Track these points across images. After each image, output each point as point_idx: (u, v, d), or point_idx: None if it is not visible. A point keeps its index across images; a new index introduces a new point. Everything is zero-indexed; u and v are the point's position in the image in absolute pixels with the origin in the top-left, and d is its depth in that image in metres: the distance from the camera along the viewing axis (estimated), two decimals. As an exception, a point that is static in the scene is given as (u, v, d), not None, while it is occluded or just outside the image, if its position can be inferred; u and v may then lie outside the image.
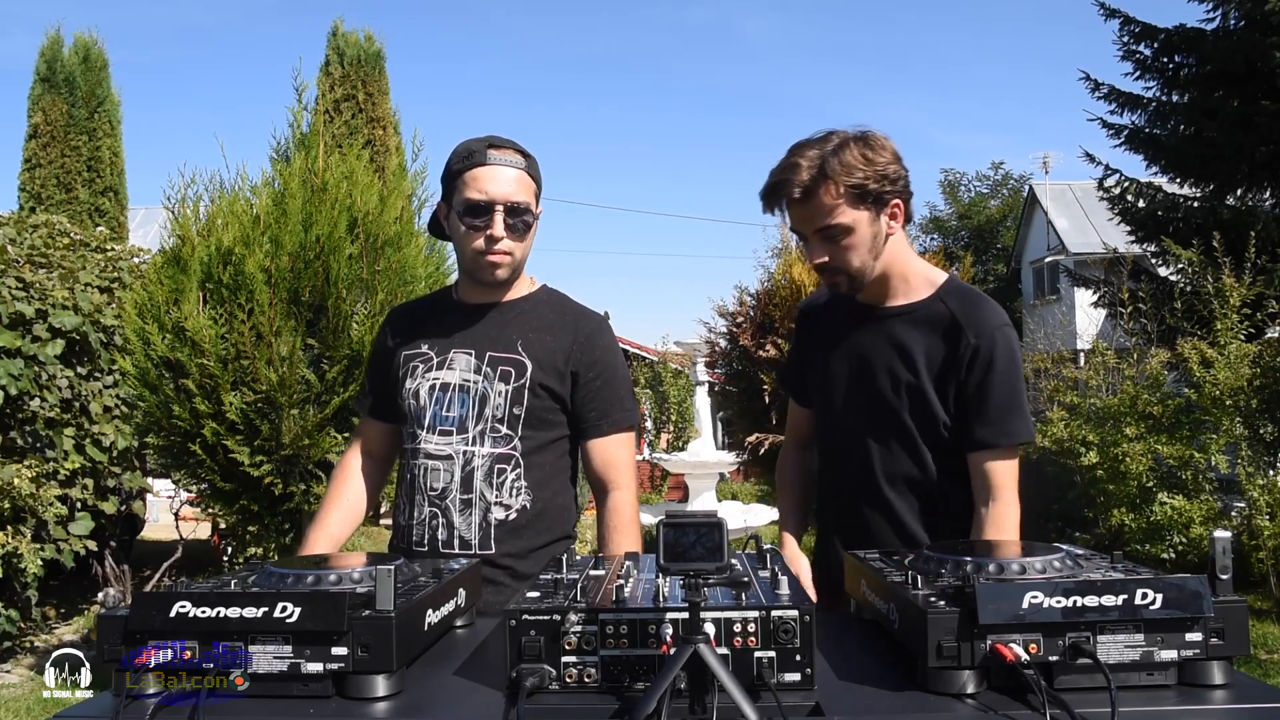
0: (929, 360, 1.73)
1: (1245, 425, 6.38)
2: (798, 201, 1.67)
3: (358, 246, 4.47)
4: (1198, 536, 6.32)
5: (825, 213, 1.66)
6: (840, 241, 1.68)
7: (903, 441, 1.75)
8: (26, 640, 5.75)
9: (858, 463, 1.80)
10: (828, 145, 1.66)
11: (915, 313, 1.76)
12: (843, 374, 1.82)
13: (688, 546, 0.99)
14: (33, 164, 12.48)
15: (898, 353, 1.75)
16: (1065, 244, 19.27)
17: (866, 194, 1.65)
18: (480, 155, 1.75)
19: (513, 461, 1.79)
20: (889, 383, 1.75)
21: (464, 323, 1.86)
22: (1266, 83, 9.70)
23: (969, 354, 1.69)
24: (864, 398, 1.79)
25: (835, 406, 1.84)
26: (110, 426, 5.57)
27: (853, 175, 1.63)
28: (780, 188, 1.67)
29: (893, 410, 1.75)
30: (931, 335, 1.73)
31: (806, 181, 1.64)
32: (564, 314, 1.88)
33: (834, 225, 1.66)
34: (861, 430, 1.79)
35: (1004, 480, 1.70)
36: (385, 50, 11.65)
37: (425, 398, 1.82)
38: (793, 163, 1.66)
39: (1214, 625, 1.02)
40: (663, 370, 16.17)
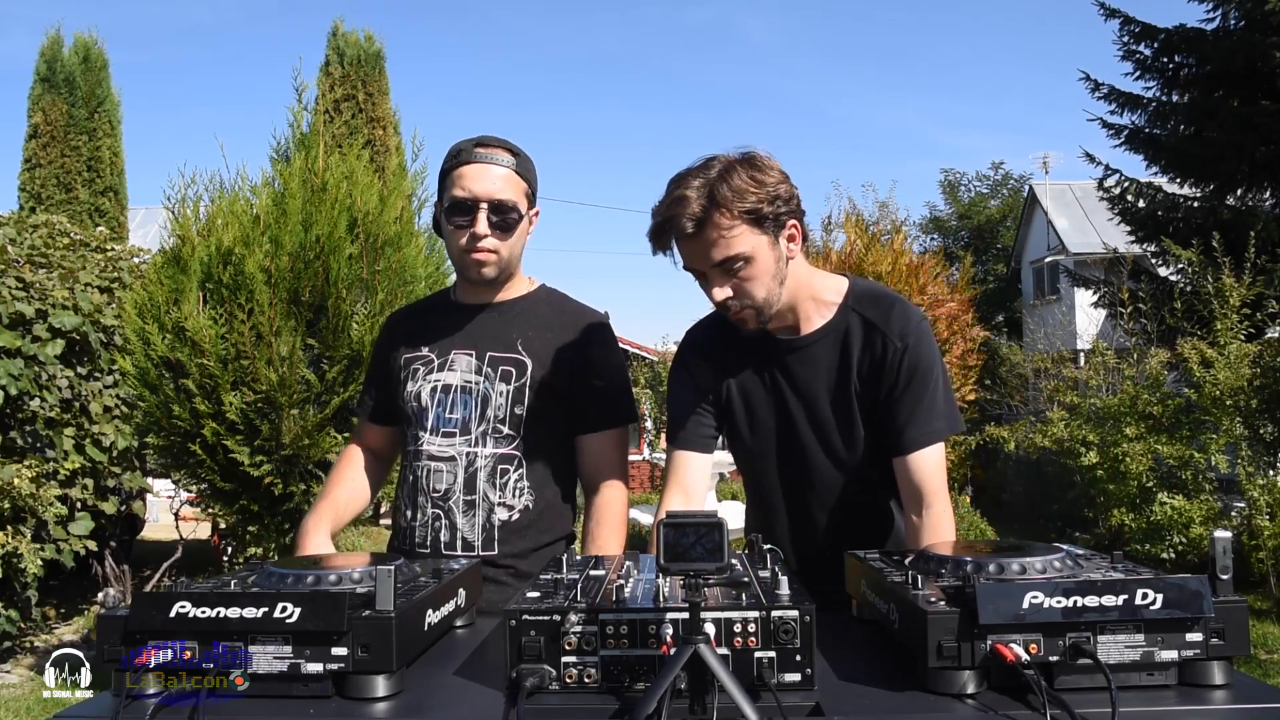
0: (860, 376, 1.67)
1: (1245, 425, 6.39)
2: (690, 236, 1.54)
3: (358, 246, 4.48)
4: (1198, 536, 6.32)
5: (722, 244, 1.54)
6: (741, 273, 1.57)
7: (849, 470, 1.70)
8: (26, 640, 5.75)
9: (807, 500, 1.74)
10: (711, 172, 1.54)
11: (833, 332, 1.69)
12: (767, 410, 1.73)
13: (688, 546, 0.99)
14: (33, 164, 12.49)
15: (829, 379, 1.68)
16: (1065, 244, 19.27)
17: (762, 218, 1.54)
18: (467, 154, 1.75)
19: (515, 462, 1.79)
20: (823, 411, 1.69)
21: (463, 324, 1.85)
22: (1266, 83, 9.71)
23: (897, 360, 1.64)
24: (806, 432, 1.71)
25: (770, 444, 1.75)
26: (110, 426, 5.58)
27: (745, 200, 1.52)
28: (669, 224, 1.54)
29: (840, 441, 1.69)
30: (856, 349, 1.67)
31: (698, 213, 1.52)
32: (563, 313, 1.88)
33: (733, 256, 1.55)
34: (807, 465, 1.72)
35: (938, 482, 1.64)
36: (385, 50, 11.68)
37: (427, 400, 1.81)
38: (679, 195, 1.53)
39: (1214, 625, 1.02)
40: (663, 370, 16.16)
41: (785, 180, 1.59)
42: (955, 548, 1.28)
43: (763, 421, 1.75)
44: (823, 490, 1.74)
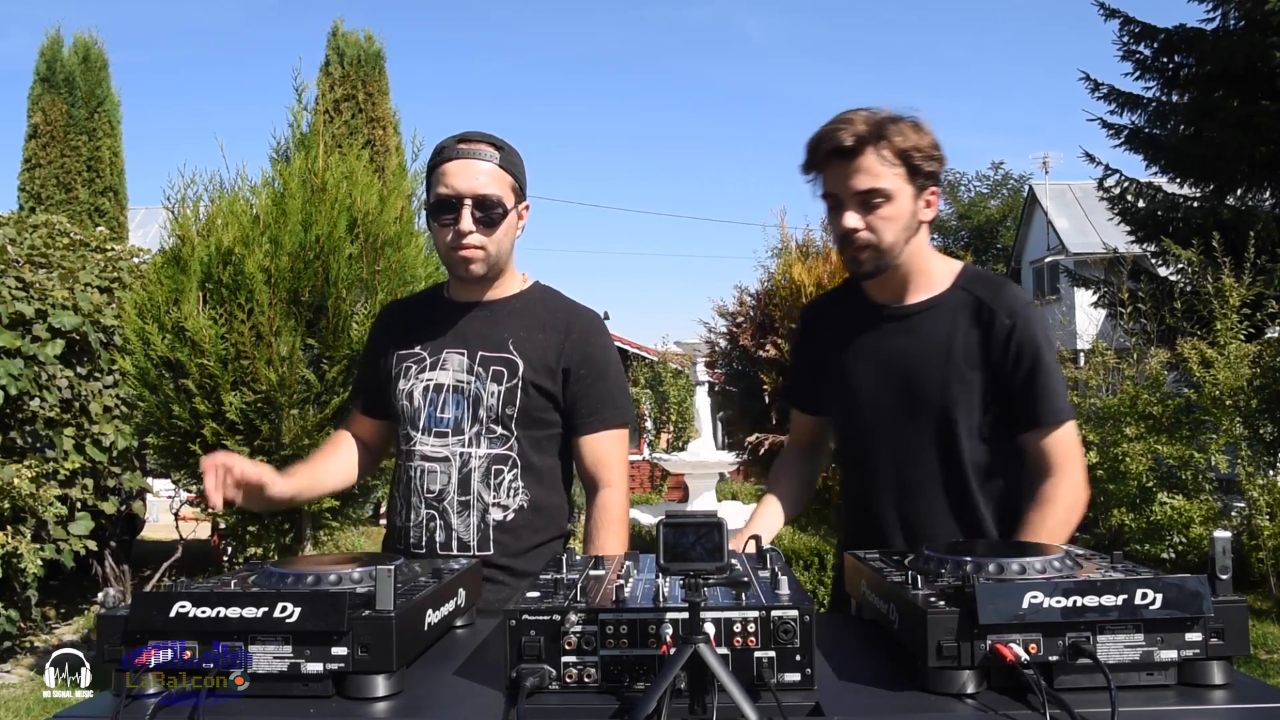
0: (966, 352, 1.68)
1: (1245, 425, 6.38)
2: (845, 153, 1.60)
3: (357, 246, 4.47)
4: (1198, 536, 6.32)
5: (871, 173, 1.60)
6: (879, 210, 1.61)
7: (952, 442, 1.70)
8: (26, 640, 5.74)
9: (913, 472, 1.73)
10: (880, 112, 1.62)
11: (940, 305, 1.71)
12: (869, 377, 1.75)
13: (688, 546, 0.99)
14: (33, 164, 12.49)
15: (935, 349, 1.69)
16: (1065, 244, 19.28)
17: (914, 167, 1.61)
18: (450, 151, 1.75)
19: (509, 462, 1.78)
20: (933, 383, 1.69)
21: (455, 322, 1.84)
22: (1266, 83, 9.71)
23: (1004, 335, 1.65)
24: (902, 401, 1.72)
25: (865, 412, 1.77)
26: (110, 426, 5.57)
27: (906, 141, 1.59)
28: (829, 138, 1.61)
29: (942, 411, 1.69)
30: (964, 325, 1.68)
31: (861, 133, 1.59)
32: (556, 311, 1.86)
33: (877, 189, 1.60)
34: (904, 434, 1.73)
35: (1066, 456, 1.66)
36: (385, 50, 11.67)
37: (419, 399, 1.81)
38: (846, 117, 1.61)
39: (1214, 625, 1.02)
40: (663, 370, 16.17)
41: (939, 148, 1.65)
42: (955, 548, 1.28)
43: (859, 388, 1.76)
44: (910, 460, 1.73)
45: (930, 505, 1.72)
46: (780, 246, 6.19)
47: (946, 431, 1.70)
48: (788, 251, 5.97)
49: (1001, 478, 1.72)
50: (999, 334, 1.66)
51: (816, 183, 1.69)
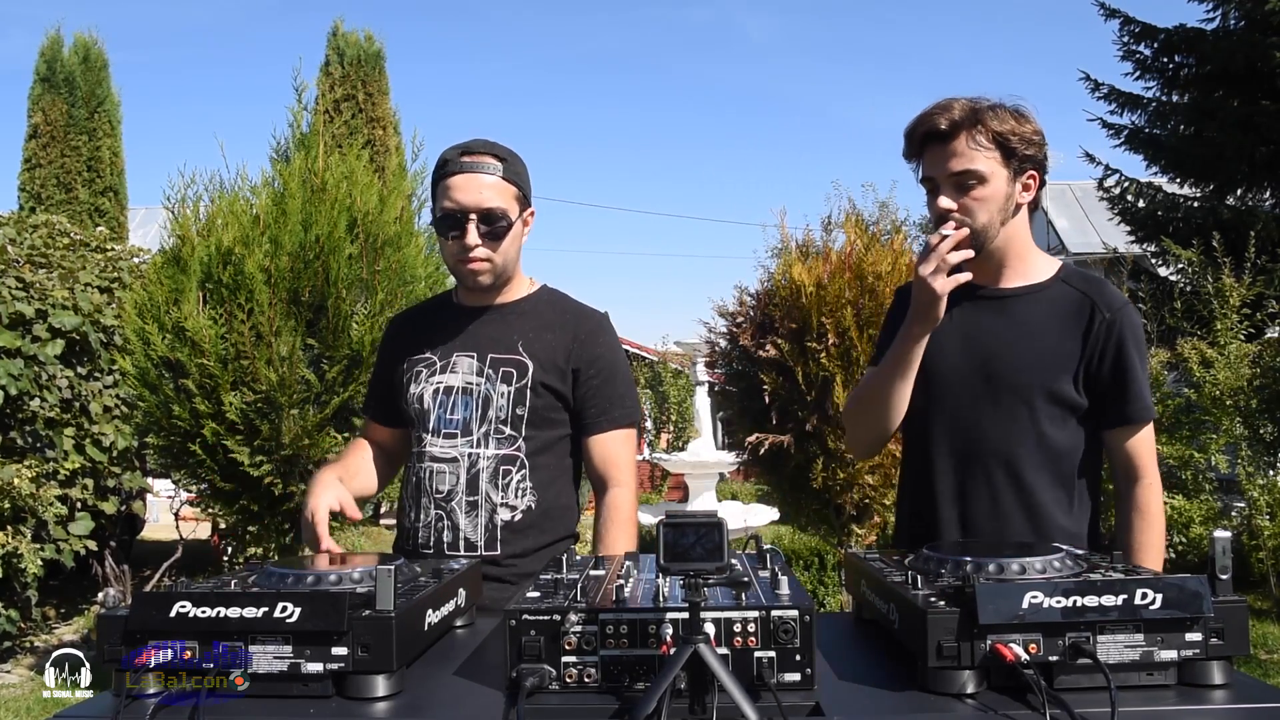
0: (1062, 341, 1.69)
1: (1245, 425, 6.38)
2: (941, 135, 1.65)
3: (357, 246, 4.47)
4: (1198, 536, 6.32)
5: (965, 155, 1.63)
6: (973, 191, 1.64)
7: (1026, 427, 1.70)
8: (26, 640, 5.74)
9: (979, 447, 1.73)
10: (980, 101, 1.67)
11: (1041, 293, 1.73)
12: (952, 352, 1.75)
13: (688, 546, 0.99)
14: (33, 164, 12.48)
15: (1027, 334, 1.71)
16: (1065, 244, 19.25)
17: (1009, 150, 1.64)
18: (454, 164, 1.75)
19: (517, 462, 1.80)
20: (1019, 365, 1.70)
21: (464, 326, 1.87)
22: (1266, 83, 9.71)
23: (1104, 330, 1.67)
24: (981, 378, 1.72)
25: (942, 385, 1.76)
26: (110, 426, 5.57)
27: (1003, 124, 1.63)
28: (928, 118, 1.66)
29: (1020, 393, 1.69)
30: (1062, 315, 1.70)
31: (956, 118, 1.63)
32: (564, 312, 1.89)
33: (971, 170, 1.63)
34: (976, 411, 1.72)
35: (1150, 457, 1.71)
36: (385, 50, 11.67)
37: (429, 402, 1.83)
38: (945, 103, 1.66)
39: (1214, 625, 1.02)
40: (663, 370, 16.16)
41: (1041, 135, 1.68)
42: (955, 548, 1.28)
43: (940, 361, 1.75)
44: (980, 436, 1.72)
45: (986, 486, 1.72)
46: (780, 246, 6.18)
47: (1023, 413, 1.69)
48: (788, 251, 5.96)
49: (1067, 469, 1.72)
50: (1099, 328, 1.68)
51: (917, 169, 1.73)
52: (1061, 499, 1.72)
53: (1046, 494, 1.70)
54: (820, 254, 5.37)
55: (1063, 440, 1.70)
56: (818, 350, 4.90)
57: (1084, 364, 1.68)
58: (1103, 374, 1.68)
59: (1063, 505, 1.72)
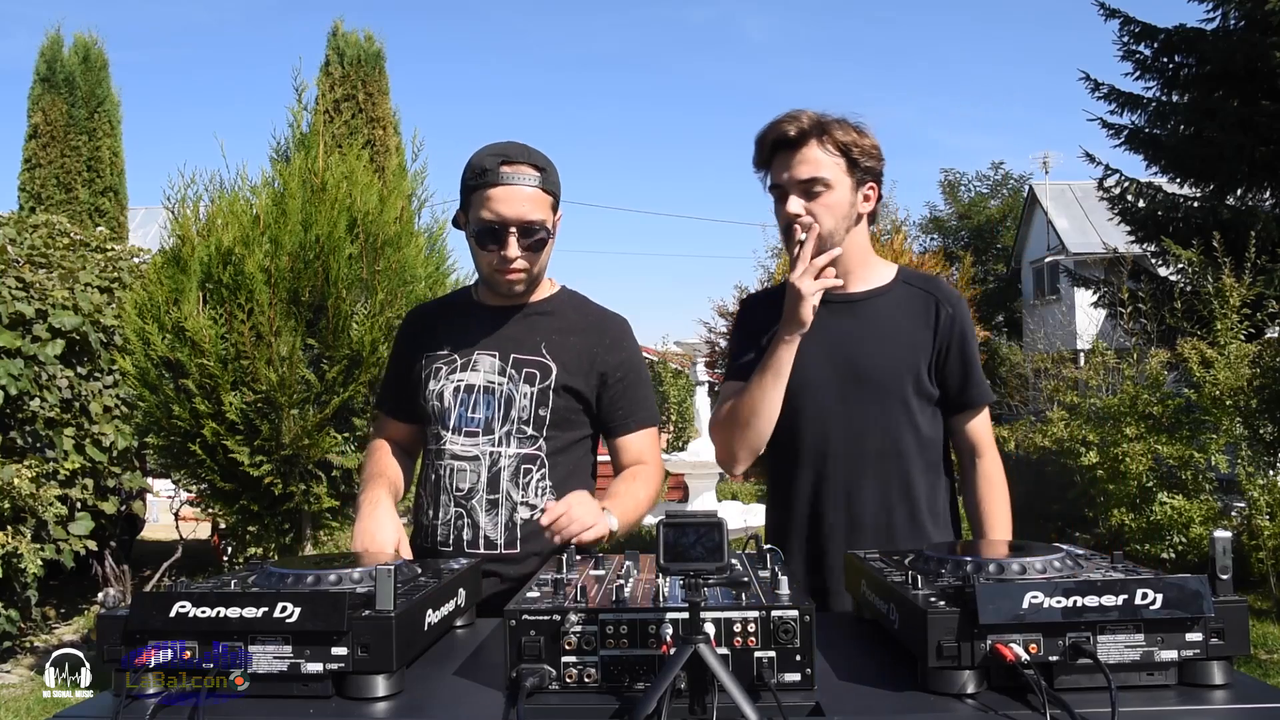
0: (915, 336, 1.80)
1: (1245, 425, 6.38)
2: (790, 143, 1.74)
3: (357, 246, 4.47)
4: (1198, 536, 6.31)
5: (812, 163, 1.73)
6: (819, 197, 1.74)
7: (901, 420, 1.79)
8: (26, 640, 5.74)
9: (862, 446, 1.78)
10: (826, 114, 1.77)
11: (887, 294, 1.84)
12: (814, 357, 1.79)
13: (688, 546, 0.99)
14: (33, 164, 12.48)
15: (883, 333, 1.80)
16: (1065, 244, 19.28)
17: (853, 160, 1.75)
18: (493, 175, 1.72)
19: (538, 462, 1.81)
20: (883, 363, 1.78)
21: (486, 325, 1.87)
22: (1266, 83, 9.71)
23: (948, 322, 1.80)
24: (849, 380, 1.78)
25: (808, 393, 1.80)
26: (110, 426, 5.57)
27: (847, 135, 1.74)
28: (778, 126, 1.75)
29: (891, 389, 1.78)
30: (909, 313, 1.81)
31: (804, 126, 1.73)
32: (587, 316, 1.91)
33: (818, 178, 1.73)
34: (847, 412, 1.79)
35: (989, 435, 1.87)
36: (385, 50, 11.65)
37: (450, 399, 1.83)
38: (792, 114, 1.76)
39: (1214, 625, 1.02)
40: (663, 370, 16.15)
41: (879, 150, 1.80)
42: (955, 548, 1.28)
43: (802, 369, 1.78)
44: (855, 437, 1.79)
45: (873, 482, 1.79)
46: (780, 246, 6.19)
47: (896, 407, 1.78)
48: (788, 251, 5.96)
49: (933, 456, 1.84)
50: (944, 321, 1.80)
51: (765, 177, 1.82)
52: (932, 486, 1.83)
53: (921, 482, 1.80)
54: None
55: (929, 429, 1.82)
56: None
57: (935, 355, 1.80)
58: (949, 363, 1.81)
59: (932, 493, 1.83)
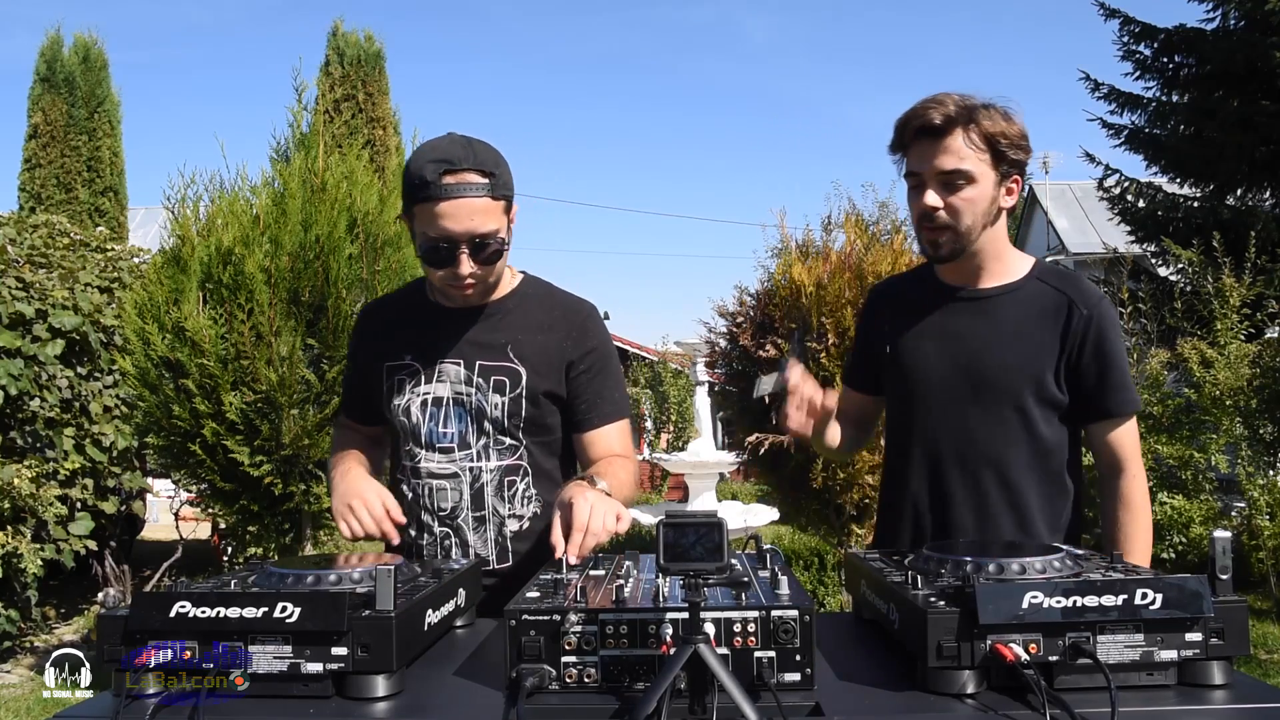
0: (1043, 339, 1.68)
1: (1245, 425, 6.38)
2: (933, 131, 1.62)
3: (357, 246, 4.48)
4: (1198, 536, 6.31)
5: (956, 154, 1.61)
6: (960, 191, 1.62)
7: (1016, 426, 1.69)
8: (26, 640, 5.74)
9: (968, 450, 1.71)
10: (972, 98, 1.64)
11: (1018, 292, 1.72)
12: (934, 355, 1.74)
13: (688, 546, 0.99)
14: (33, 164, 12.49)
15: (1008, 333, 1.69)
16: (1065, 244, 19.25)
17: (999, 153, 1.62)
18: (436, 187, 1.53)
19: (520, 471, 1.73)
20: (1003, 366, 1.68)
21: (446, 330, 1.73)
22: (1266, 83, 9.70)
23: (1083, 326, 1.66)
24: (966, 381, 1.70)
25: (926, 389, 1.74)
26: (110, 426, 5.57)
27: (995, 126, 1.61)
28: (919, 115, 1.63)
29: (1009, 393, 1.68)
30: (1040, 313, 1.69)
31: (951, 114, 1.61)
32: (552, 309, 1.78)
33: (960, 170, 1.61)
34: (962, 414, 1.71)
35: (1133, 449, 1.71)
36: (385, 50, 11.67)
37: (418, 414, 1.72)
38: (938, 98, 1.63)
39: (1214, 625, 1.02)
40: (663, 370, 16.15)
41: (1027, 139, 1.66)
42: (955, 548, 1.28)
43: (923, 365, 1.75)
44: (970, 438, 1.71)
45: (975, 489, 1.71)
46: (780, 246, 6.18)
47: (1012, 413, 1.69)
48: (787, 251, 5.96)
49: (1053, 466, 1.72)
50: (1077, 324, 1.67)
51: (901, 162, 1.70)
52: (1048, 496, 1.72)
53: (1033, 493, 1.70)
54: (820, 254, 5.37)
55: (1049, 438, 1.70)
56: (818, 350, 4.90)
57: (1064, 360, 1.68)
58: (1083, 369, 1.67)
59: (1049, 503, 1.72)
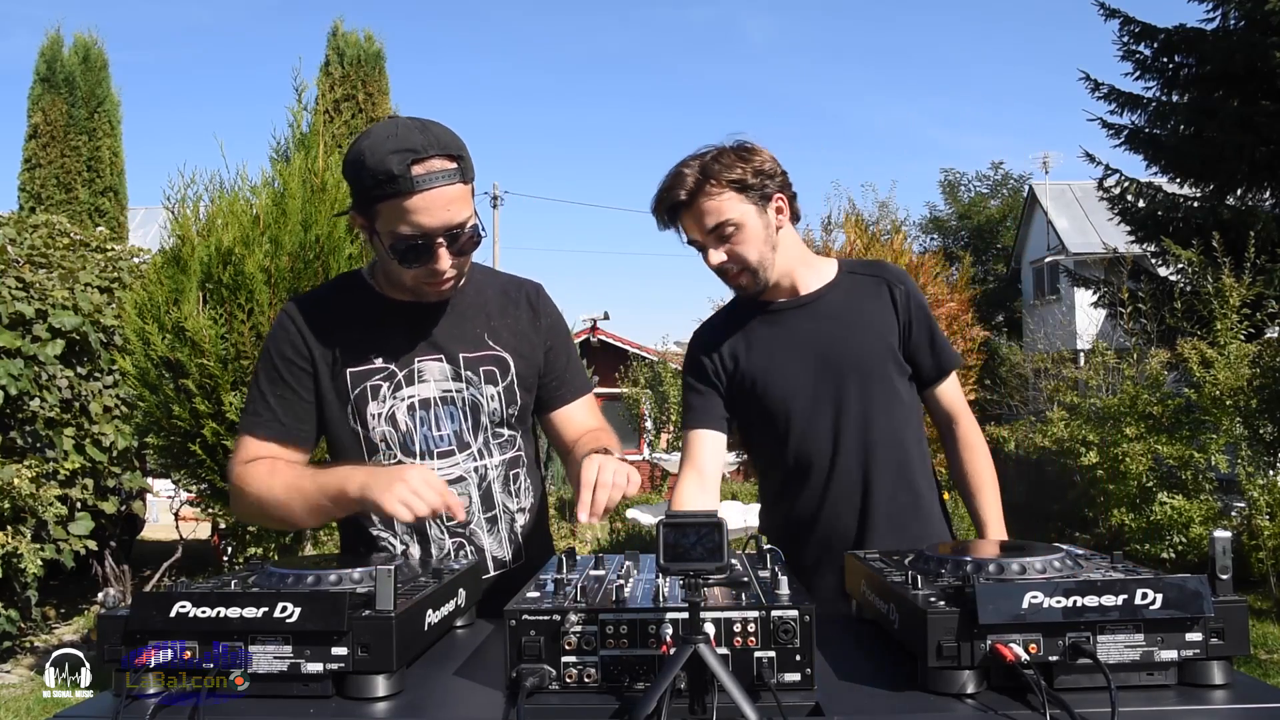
0: (880, 319, 1.81)
1: (1245, 425, 6.38)
2: (685, 204, 1.75)
3: (357, 246, 4.48)
4: (1198, 536, 6.32)
5: (713, 211, 1.73)
6: (733, 238, 1.75)
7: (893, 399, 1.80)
8: (26, 640, 5.74)
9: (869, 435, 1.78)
10: (705, 154, 1.77)
11: (838, 287, 1.85)
12: (799, 364, 1.80)
13: (688, 546, 0.99)
14: (33, 164, 12.50)
15: (849, 323, 1.81)
16: (1065, 244, 19.26)
17: (747, 187, 1.74)
18: (405, 181, 1.38)
19: (520, 462, 1.68)
20: (861, 351, 1.79)
21: (411, 325, 1.59)
22: (1266, 83, 9.71)
23: (904, 300, 1.82)
24: (824, 374, 1.78)
25: (796, 397, 1.80)
26: (110, 426, 5.57)
27: (732, 171, 1.73)
28: (668, 195, 1.76)
29: (876, 371, 1.79)
30: (866, 299, 1.83)
31: (691, 185, 1.73)
32: (507, 288, 1.71)
33: (723, 221, 1.73)
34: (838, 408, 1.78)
35: (962, 399, 1.91)
36: (385, 50, 11.69)
37: (406, 420, 1.57)
38: (676, 173, 1.76)
39: (1214, 625, 1.02)
40: (663, 370, 16.15)
41: (772, 160, 1.78)
42: (956, 548, 1.28)
43: (777, 378, 1.82)
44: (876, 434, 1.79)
45: (886, 466, 1.80)
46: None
47: (885, 391, 1.80)
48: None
49: (918, 430, 1.86)
50: (900, 299, 1.83)
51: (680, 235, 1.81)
52: (924, 454, 1.87)
53: (914, 452, 1.84)
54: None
55: (912, 406, 1.85)
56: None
57: (901, 332, 1.82)
58: (915, 336, 1.83)
59: (924, 461, 1.86)
